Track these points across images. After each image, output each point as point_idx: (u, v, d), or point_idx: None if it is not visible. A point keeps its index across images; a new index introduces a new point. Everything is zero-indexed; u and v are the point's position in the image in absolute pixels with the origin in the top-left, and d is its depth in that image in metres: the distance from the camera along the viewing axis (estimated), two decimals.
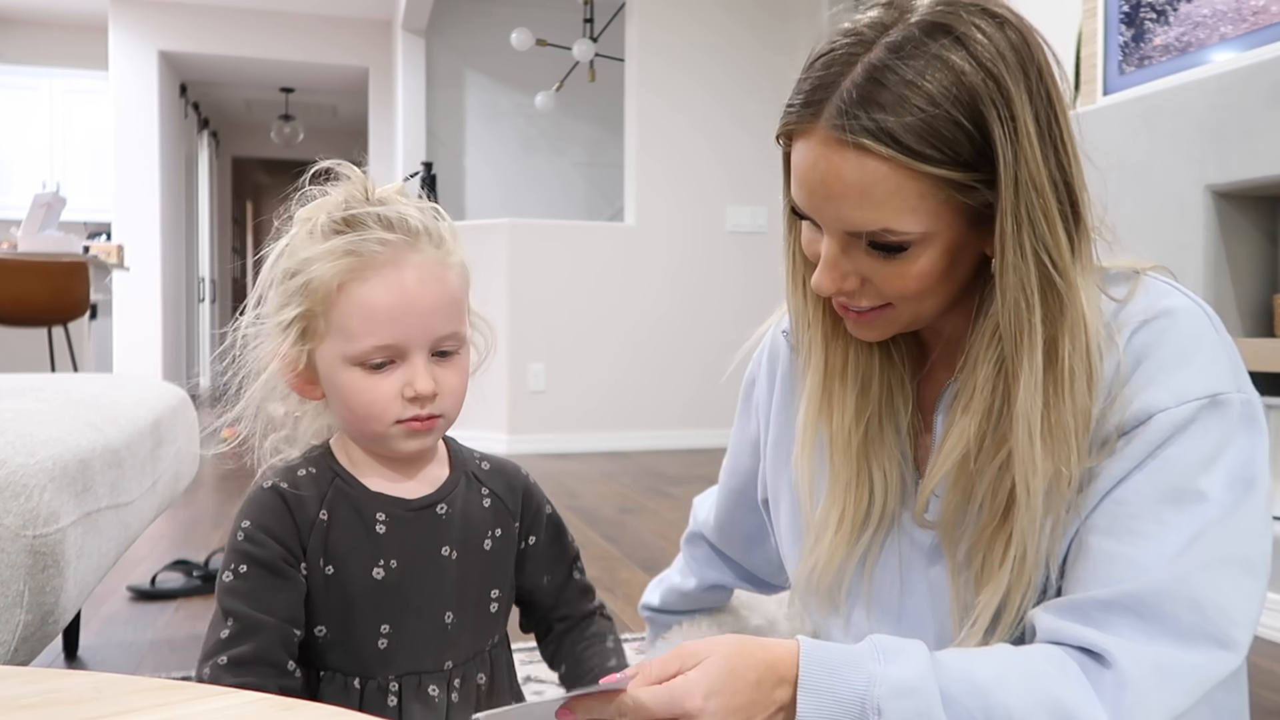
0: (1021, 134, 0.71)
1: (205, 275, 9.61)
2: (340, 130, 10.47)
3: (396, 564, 0.83)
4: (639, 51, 5.09)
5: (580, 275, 5.02)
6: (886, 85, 0.71)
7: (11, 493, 0.89)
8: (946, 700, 0.70)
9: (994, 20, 0.72)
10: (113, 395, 1.41)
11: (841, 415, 0.88)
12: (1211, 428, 0.73)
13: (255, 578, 0.80)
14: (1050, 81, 0.74)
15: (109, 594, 2.31)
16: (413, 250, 0.80)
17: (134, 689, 0.56)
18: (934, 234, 0.75)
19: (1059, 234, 0.73)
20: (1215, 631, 0.70)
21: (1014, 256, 0.73)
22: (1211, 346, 0.76)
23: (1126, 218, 2.30)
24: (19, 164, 7.56)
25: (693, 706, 0.69)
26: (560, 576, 0.95)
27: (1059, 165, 0.73)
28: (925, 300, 0.79)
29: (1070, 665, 0.71)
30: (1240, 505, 0.73)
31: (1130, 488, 0.74)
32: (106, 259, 4.95)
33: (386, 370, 0.80)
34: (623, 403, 5.06)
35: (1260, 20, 2.11)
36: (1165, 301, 0.78)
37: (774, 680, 0.72)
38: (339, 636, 0.83)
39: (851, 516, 0.87)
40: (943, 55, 0.71)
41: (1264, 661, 1.86)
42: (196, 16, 7.51)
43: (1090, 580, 0.73)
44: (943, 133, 0.71)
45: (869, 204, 0.73)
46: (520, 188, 6.92)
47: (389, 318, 0.78)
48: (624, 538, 2.96)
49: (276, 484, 0.83)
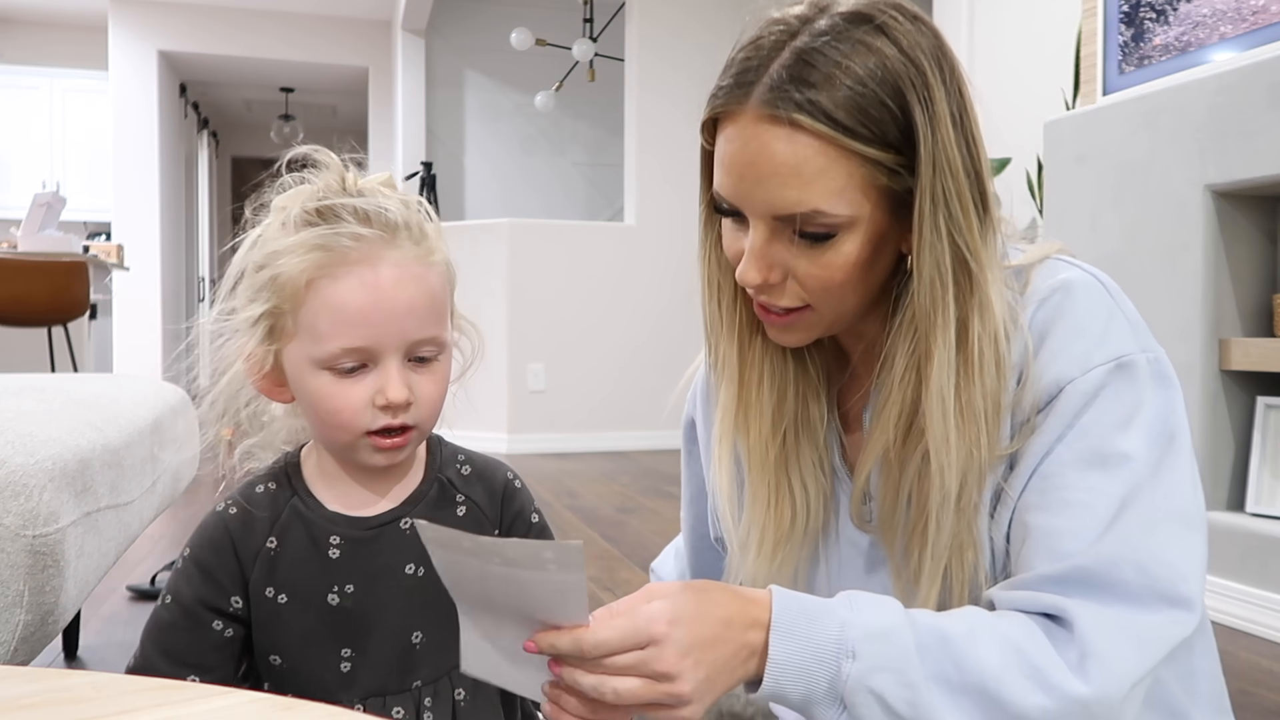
0: (940, 118, 0.74)
1: (205, 275, 9.61)
2: (340, 130, 10.43)
3: (353, 588, 0.79)
4: (639, 51, 5.09)
5: (580, 275, 5.02)
6: (816, 65, 0.74)
7: (11, 492, 0.89)
8: (920, 649, 0.70)
9: (909, 17, 0.76)
10: (113, 395, 1.41)
11: (758, 429, 0.87)
12: (1122, 390, 0.75)
13: (173, 612, 0.80)
14: (961, 79, 0.77)
15: (109, 594, 2.31)
16: (389, 246, 0.74)
17: (133, 689, 0.56)
18: (859, 220, 0.76)
19: (971, 217, 0.76)
20: (1166, 590, 0.71)
21: (930, 235, 0.75)
22: (1108, 313, 0.78)
23: (1126, 217, 2.31)
24: (19, 163, 7.56)
25: (657, 632, 0.67)
26: None
27: (970, 155, 0.76)
28: (847, 297, 0.80)
29: (1034, 628, 0.71)
30: (1165, 460, 0.74)
31: (1054, 460, 0.75)
32: (106, 259, 4.95)
33: (357, 375, 0.74)
34: (623, 403, 5.06)
35: (1260, 20, 2.11)
36: (1060, 276, 0.79)
37: (746, 621, 0.71)
38: (295, 664, 0.80)
39: (773, 534, 0.87)
40: (866, 40, 0.74)
41: (1264, 661, 1.86)
42: (196, 16, 7.51)
43: (1035, 558, 0.74)
44: (870, 111, 0.73)
45: (799, 183, 0.75)
46: (520, 187, 6.92)
47: (361, 318, 0.72)
48: (623, 537, 2.96)
49: (227, 509, 0.80)
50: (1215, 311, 2.13)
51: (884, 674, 0.69)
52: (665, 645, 0.67)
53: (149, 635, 0.80)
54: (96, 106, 7.60)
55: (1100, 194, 2.39)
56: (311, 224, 0.75)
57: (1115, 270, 2.33)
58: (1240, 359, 2.08)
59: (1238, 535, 2.06)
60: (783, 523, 0.87)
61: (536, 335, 4.94)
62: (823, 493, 0.88)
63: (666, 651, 0.67)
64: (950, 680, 0.69)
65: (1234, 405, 2.14)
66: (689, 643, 0.67)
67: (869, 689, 0.69)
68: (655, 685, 0.67)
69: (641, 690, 0.66)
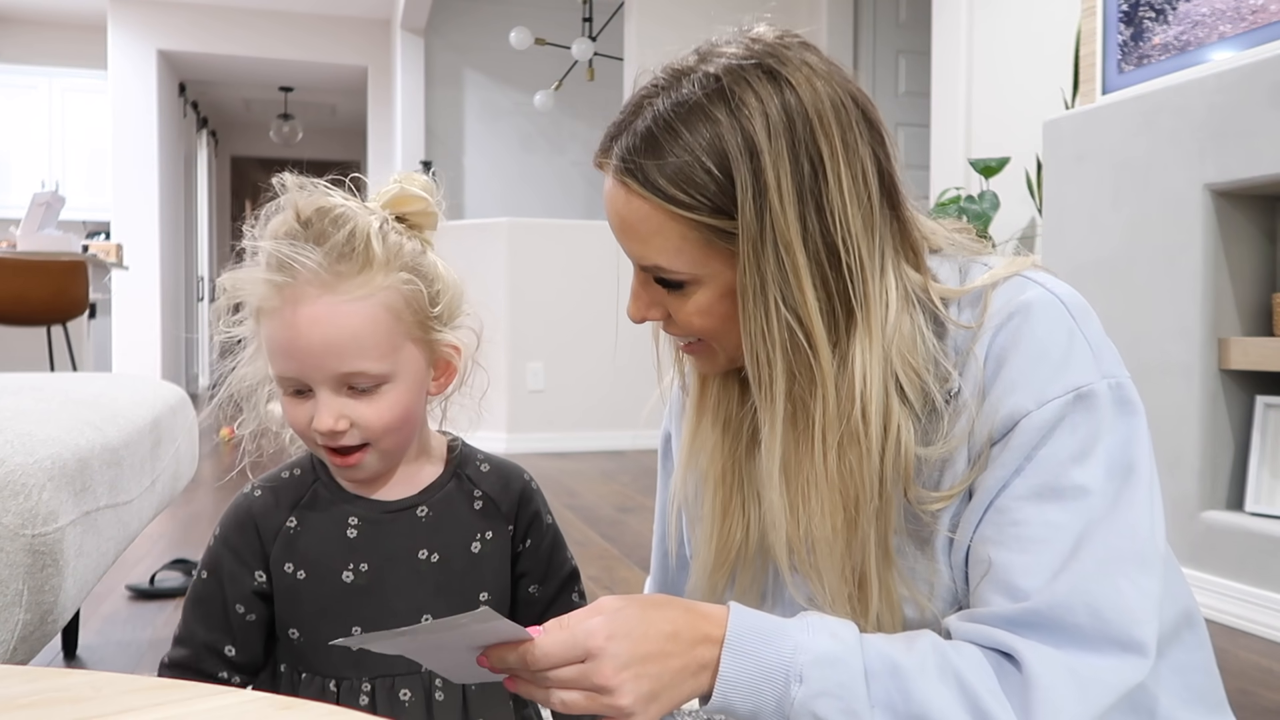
0: (769, 190, 0.73)
1: (204, 274, 9.61)
2: (339, 129, 10.46)
3: (367, 567, 0.83)
4: (638, 50, 5.08)
5: (579, 274, 5.02)
6: (655, 131, 0.76)
7: (10, 492, 0.89)
8: (869, 675, 0.70)
9: (773, 80, 0.75)
10: (112, 394, 1.41)
11: (708, 451, 0.90)
12: (1080, 423, 0.73)
13: (208, 586, 0.86)
14: (827, 143, 0.74)
15: (108, 593, 2.31)
16: (309, 288, 0.77)
17: (133, 688, 0.56)
18: (704, 276, 0.78)
19: (807, 294, 0.75)
20: (1118, 635, 0.71)
21: (754, 308, 0.76)
22: (1068, 336, 0.75)
23: (1126, 217, 2.31)
24: (18, 163, 7.56)
25: (594, 646, 0.68)
26: (550, 592, 0.91)
27: (821, 229, 0.74)
28: (725, 337, 0.82)
29: (985, 665, 0.72)
30: (1123, 493, 0.73)
31: (1010, 495, 0.74)
32: (105, 258, 4.95)
33: (303, 397, 0.80)
34: (622, 402, 5.05)
35: (1259, 19, 2.11)
36: (1020, 298, 0.77)
37: (695, 636, 0.72)
38: (311, 639, 0.84)
39: (719, 552, 0.89)
40: (706, 108, 0.75)
41: (1264, 661, 1.86)
42: (195, 15, 7.50)
43: (991, 594, 0.74)
44: (694, 179, 0.74)
45: (639, 240, 0.79)
46: (519, 186, 6.92)
47: (284, 353, 0.78)
48: (622, 537, 2.96)
49: (251, 491, 0.87)
50: (1214, 311, 2.13)
51: (828, 699, 0.70)
52: (602, 659, 0.68)
53: (188, 607, 0.87)
54: (96, 106, 7.60)
55: (1099, 193, 2.39)
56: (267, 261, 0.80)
57: (1115, 270, 2.34)
58: (1240, 358, 2.08)
59: (1237, 535, 2.06)
60: (731, 541, 0.88)
61: (536, 334, 4.94)
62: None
63: (603, 665, 0.68)
64: (896, 709, 0.70)
65: (1233, 405, 2.14)
66: (627, 657, 0.69)
67: (813, 713, 0.70)
68: (597, 698, 0.69)
69: (585, 702, 0.69)
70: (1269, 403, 2.12)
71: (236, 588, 0.85)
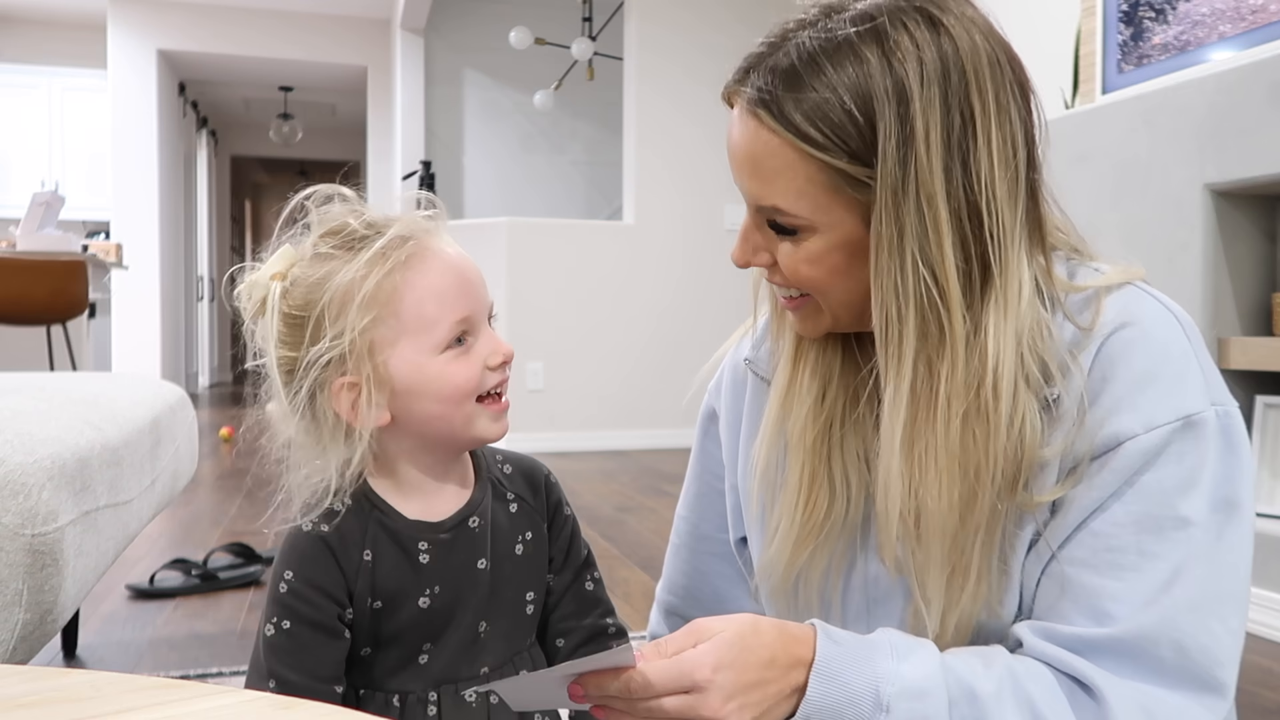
0: (916, 139, 0.69)
1: (204, 274, 9.60)
2: (339, 129, 10.45)
3: (440, 589, 0.82)
4: (638, 50, 5.08)
5: (579, 274, 5.02)
6: (798, 65, 0.72)
7: (10, 491, 0.89)
8: (951, 704, 0.70)
9: (932, 26, 0.71)
10: (111, 394, 1.41)
11: (800, 414, 0.86)
12: (1187, 451, 0.70)
13: (298, 635, 0.78)
14: (980, 100, 0.71)
15: (108, 593, 2.31)
16: (433, 233, 0.81)
17: (132, 688, 0.56)
18: (825, 224, 0.74)
19: (946, 252, 0.71)
20: (1201, 674, 0.69)
21: (888, 262, 0.72)
22: (1182, 357, 0.72)
23: (1126, 217, 2.31)
24: (18, 162, 7.56)
25: (701, 679, 0.68)
26: (565, 580, 0.92)
27: (965, 186, 0.71)
28: (832, 292, 0.78)
29: (1059, 694, 0.70)
30: (1225, 531, 0.70)
31: (1108, 519, 0.71)
32: (105, 258, 4.95)
33: (465, 346, 0.79)
34: (622, 402, 5.06)
35: (1259, 19, 2.11)
36: (1133, 309, 0.74)
37: (789, 661, 0.71)
38: (380, 657, 0.83)
39: (805, 524, 0.85)
40: (856, 45, 0.71)
41: (1264, 661, 1.86)
42: (195, 15, 7.50)
43: (1075, 614, 0.72)
44: (832, 118, 0.71)
45: (761, 178, 0.75)
46: (519, 186, 6.91)
47: (456, 292, 0.79)
48: (623, 537, 2.97)
49: (317, 528, 0.80)
50: (1214, 310, 2.13)
51: None
52: (710, 692, 0.68)
53: (273, 661, 0.79)
54: (95, 105, 7.60)
55: (1099, 193, 2.39)
56: (350, 247, 0.79)
57: None
58: (1239, 358, 2.08)
59: None
60: (816, 513, 0.85)
61: (535, 334, 4.94)
62: (865, 487, 0.85)
63: (711, 698, 0.68)
64: None
65: None
66: (732, 688, 0.69)
67: None
68: None
69: None
70: (1269, 403, 2.12)
71: (326, 626, 0.79)
